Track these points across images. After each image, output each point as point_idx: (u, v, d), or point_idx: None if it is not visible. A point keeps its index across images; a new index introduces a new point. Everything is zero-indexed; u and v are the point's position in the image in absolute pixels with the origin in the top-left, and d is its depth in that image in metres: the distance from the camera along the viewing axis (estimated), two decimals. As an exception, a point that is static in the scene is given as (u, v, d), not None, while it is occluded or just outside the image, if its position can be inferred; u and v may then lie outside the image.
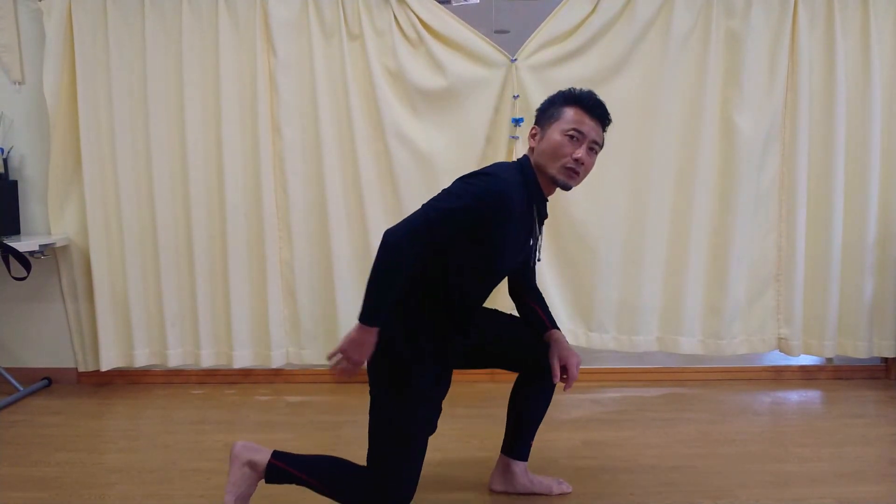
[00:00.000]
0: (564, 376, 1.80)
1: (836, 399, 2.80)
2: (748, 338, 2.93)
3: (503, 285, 1.94)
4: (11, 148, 2.90)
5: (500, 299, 2.05)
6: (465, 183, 1.63)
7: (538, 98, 2.75)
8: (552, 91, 2.74)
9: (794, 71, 2.78)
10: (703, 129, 2.78)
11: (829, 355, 2.91)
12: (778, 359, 3.11)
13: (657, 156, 2.80)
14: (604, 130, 1.74)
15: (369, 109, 2.79)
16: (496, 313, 1.92)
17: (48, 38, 2.73)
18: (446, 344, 1.72)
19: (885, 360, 3.05)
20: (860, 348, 2.91)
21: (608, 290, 2.88)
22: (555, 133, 1.69)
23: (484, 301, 1.84)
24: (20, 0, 2.82)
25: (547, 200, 1.79)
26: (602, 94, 2.75)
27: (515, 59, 2.77)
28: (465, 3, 2.82)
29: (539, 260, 1.89)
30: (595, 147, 1.72)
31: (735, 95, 2.77)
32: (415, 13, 2.74)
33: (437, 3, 2.75)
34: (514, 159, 2.71)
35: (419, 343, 1.67)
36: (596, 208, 2.83)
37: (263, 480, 1.70)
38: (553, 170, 1.69)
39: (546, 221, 1.83)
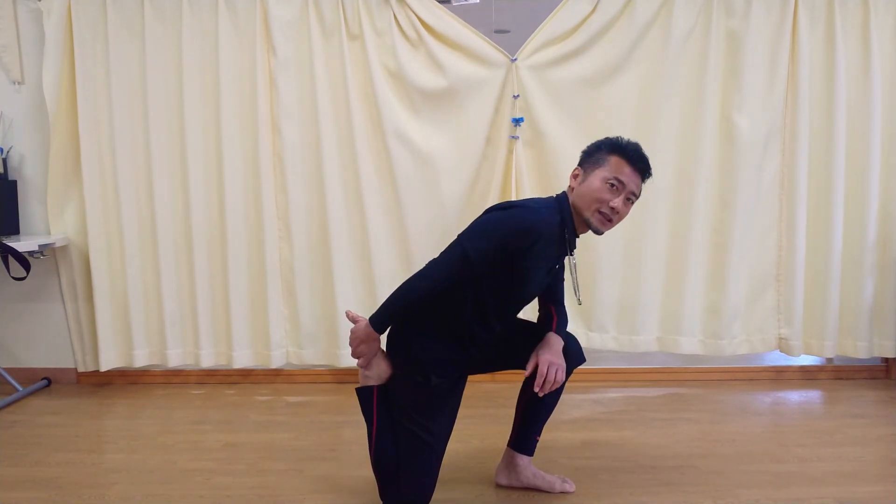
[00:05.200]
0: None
1: (836, 399, 2.79)
2: (748, 338, 2.93)
3: None
4: (11, 148, 2.90)
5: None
6: (497, 216, 1.75)
7: (538, 98, 2.79)
8: (552, 91, 2.80)
9: (794, 71, 2.78)
10: (703, 128, 2.78)
11: (830, 355, 2.91)
12: (778, 359, 3.11)
13: (657, 155, 2.78)
14: (643, 182, 1.82)
15: (369, 109, 2.79)
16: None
17: (48, 38, 2.73)
18: (463, 354, 1.83)
19: (886, 360, 3.05)
20: (860, 348, 2.90)
21: (608, 290, 2.88)
22: (596, 179, 1.77)
23: (506, 320, 1.88)
24: (20, 0, 2.82)
25: (578, 236, 1.85)
26: (602, 94, 2.81)
27: (515, 59, 2.77)
28: (465, 3, 2.82)
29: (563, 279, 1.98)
30: (632, 198, 1.79)
31: (735, 95, 2.77)
32: (415, 13, 2.73)
33: (437, 3, 2.75)
34: (513, 159, 2.76)
35: (439, 354, 1.79)
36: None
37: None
38: (588, 213, 1.78)
39: None
